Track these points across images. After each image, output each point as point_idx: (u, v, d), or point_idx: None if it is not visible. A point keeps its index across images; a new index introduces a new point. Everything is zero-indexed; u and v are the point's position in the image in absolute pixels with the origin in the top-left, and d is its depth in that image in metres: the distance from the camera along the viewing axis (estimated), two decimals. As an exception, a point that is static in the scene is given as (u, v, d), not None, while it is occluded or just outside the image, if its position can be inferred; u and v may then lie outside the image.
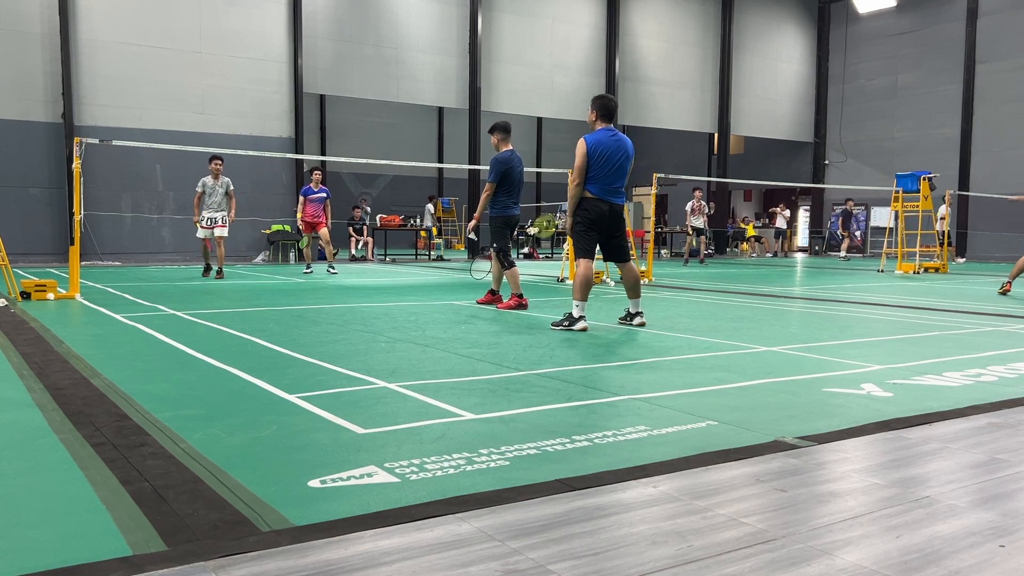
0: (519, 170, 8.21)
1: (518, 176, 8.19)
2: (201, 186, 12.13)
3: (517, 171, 8.17)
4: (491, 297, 8.36)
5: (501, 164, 8.05)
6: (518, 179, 8.19)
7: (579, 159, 6.38)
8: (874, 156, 26.58)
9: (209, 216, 12.14)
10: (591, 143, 6.38)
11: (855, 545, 2.12)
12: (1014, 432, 3.33)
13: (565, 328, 6.33)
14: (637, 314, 6.72)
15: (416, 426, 3.29)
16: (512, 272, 8.06)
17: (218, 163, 12.09)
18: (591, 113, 6.56)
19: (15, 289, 8.44)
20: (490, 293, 8.38)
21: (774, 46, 27.12)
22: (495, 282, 8.42)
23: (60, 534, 2.13)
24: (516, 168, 8.15)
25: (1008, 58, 23.16)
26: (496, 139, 8.19)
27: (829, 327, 6.90)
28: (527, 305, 8.02)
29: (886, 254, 17.40)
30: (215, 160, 12.10)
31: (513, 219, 8.26)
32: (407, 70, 20.66)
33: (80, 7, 16.61)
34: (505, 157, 8.07)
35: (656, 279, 12.75)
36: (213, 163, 12.07)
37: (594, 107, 6.54)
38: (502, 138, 8.15)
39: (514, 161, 8.13)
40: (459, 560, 1.98)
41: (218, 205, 12.15)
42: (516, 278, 8.05)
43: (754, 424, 3.39)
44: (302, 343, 5.55)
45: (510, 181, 8.10)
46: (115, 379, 4.20)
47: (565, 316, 6.47)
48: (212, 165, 12.07)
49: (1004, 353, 5.46)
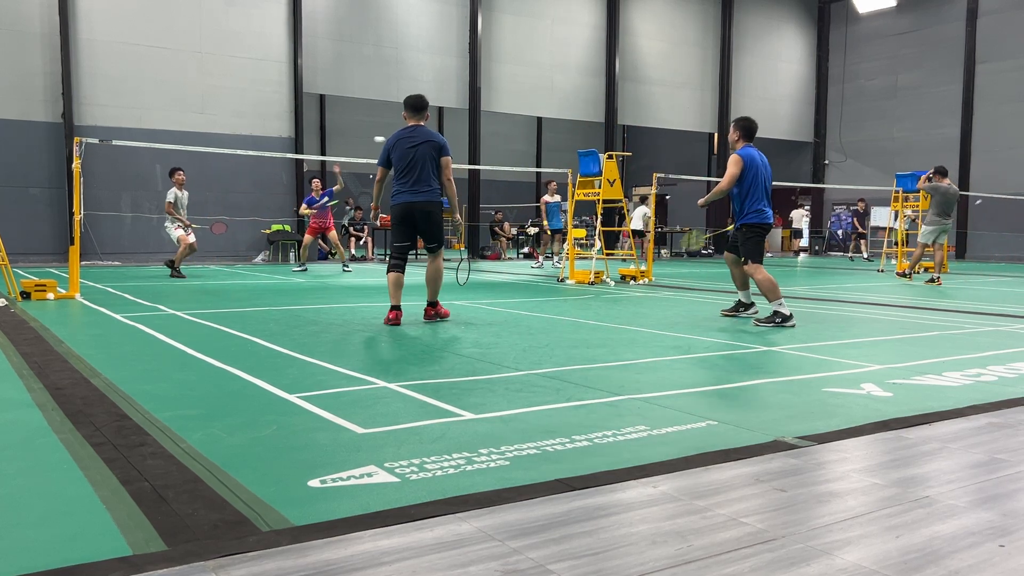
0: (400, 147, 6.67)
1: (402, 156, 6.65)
2: (174, 197, 12.57)
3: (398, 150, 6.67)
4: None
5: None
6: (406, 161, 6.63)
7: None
8: (874, 156, 26.57)
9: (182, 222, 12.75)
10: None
11: (855, 545, 2.12)
12: (1014, 432, 3.33)
13: (778, 324, 6.83)
14: (751, 304, 7.54)
15: (416, 426, 3.29)
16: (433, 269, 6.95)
17: (181, 174, 12.75)
18: (733, 132, 7.32)
19: (15, 289, 8.44)
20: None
21: (774, 46, 27.11)
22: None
23: (60, 534, 2.13)
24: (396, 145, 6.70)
25: (1008, 58, 23.15)
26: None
27: (829, 327, 6.90)
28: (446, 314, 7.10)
29: (886, 254, 17.40)
30: (180, 171, 12.75)
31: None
32: (407, 70, 20.65)
33: (80, 7, 16.60)
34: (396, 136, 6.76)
35: (656, 279, 12.76)
36: (179, 174, 12.68)
37: (737, 127, 7.29)
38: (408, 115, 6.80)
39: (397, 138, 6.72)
40: (459, 560, 1.98)
41: (185, 213, 12.84)
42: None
43: (754, 424, 3.39)
44: (302, 343, 5.55)
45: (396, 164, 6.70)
46: (115, 379, 4.20)
47: (773, 314, 6.95)
48: (179, 176, 12.65)
49: (1004, 353, 5.46)
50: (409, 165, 6.60)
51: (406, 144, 6.63)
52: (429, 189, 6.66)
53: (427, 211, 6.69)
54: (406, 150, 6.62)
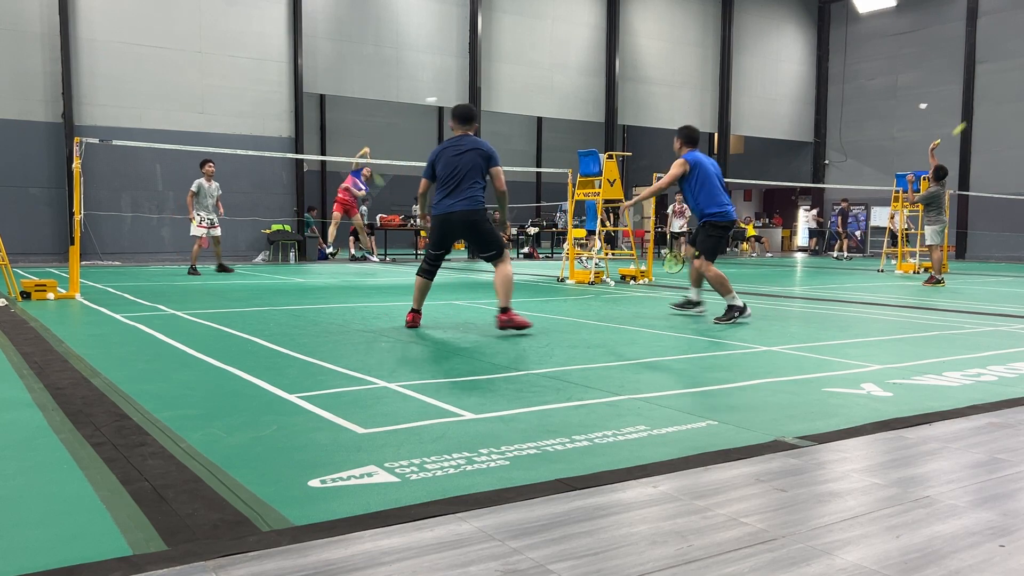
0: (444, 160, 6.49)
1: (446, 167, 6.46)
2: (197, 187, 12.63)
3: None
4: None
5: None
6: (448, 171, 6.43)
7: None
8: (874, 156, 26.57)
9: (207, 216, 12.73)
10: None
11: (855, 545, 2.12)
12: (1014, 432, 3.33)
13: (735, 320, 6.95)
14: (700, 303, 7.58)
15: (416, 426, 3.28)
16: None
17: (211, 165, 12.74)
18: (676, 141, 7.55)
19: (15, 289, 8.44)
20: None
21: (774, 46, 27.11)
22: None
23: (60, 534, 2.13)
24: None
25: (1008, 58, 23.15)
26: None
27: (829, 327, 6.90)
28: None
29: (886, 254, 17.40)
30: (209, 163, 12.72)
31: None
32: (407, 70, 20.65)
33: (80, 7, 16.60)
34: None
35: (656, 279, 12.76)
36: (208, 165, 12.68)
37: (679, 136, 7.54)
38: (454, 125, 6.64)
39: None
40: (459, 560, 1.98)
41: (212, 207, 12.79)
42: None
43: (754, 424, 3.39)
44: (302, 343, 5.55)
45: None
46: (115, 379, 4.20)
47: (728, 309, 7.02)
48: (208, 168, 12.66)
49: (1004, 353, 5.46)
50: (453, 174, 6.33)
51: (451, 153, 6.39)
52: (469, 198, 6.32)
53: (469, 220, 6.35)
54: (451, 158, 6.37)
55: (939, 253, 12.75)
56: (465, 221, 6.37)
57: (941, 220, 12.83)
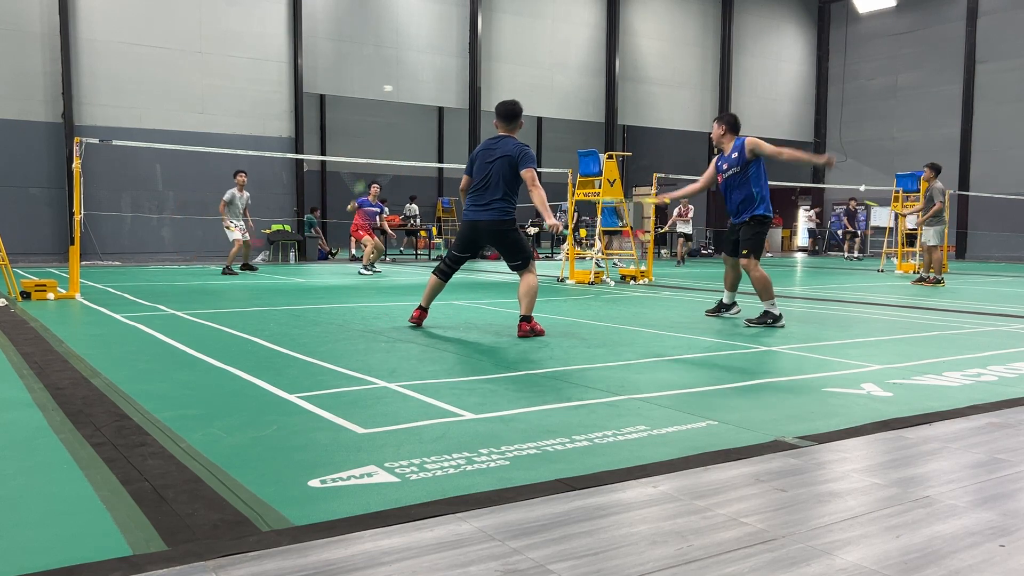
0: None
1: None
2: (230, 197, 13.37)
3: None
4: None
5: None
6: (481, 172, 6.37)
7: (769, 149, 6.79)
8: (874, 156, 26.57)
9: (237, 222, 13.56)
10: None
11: (855, 545, 2.12)
12: (1014, 432, 3.33)
13: (768, 325, 6.69)
14: (733, 304, 7.40)
15: (416, 426, 3.28)
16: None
17: (244, 176, 13.64)
18: (719, 128, 7.04)
19: (15, 289, 8.44)
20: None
21: (774, 46, 27.11)
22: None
23: (60, 534, 2.13)
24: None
25: (1008, 58, 23.15)
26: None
27: (829, 327, 6.90)
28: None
29: (886, 254, 17.40)
30: (242, 173, 13.68)
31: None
32: (407, 70, 20.66)
33: (80, 7, 16.60)
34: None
35: (656, 279, 12.76)
36: (240, 176, 13.59)
37: (723, 122, 7.04)
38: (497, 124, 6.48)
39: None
40: (459, 560, 1.98)
41: (241, 214, 13.58)
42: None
43: (754, 424, 3.39)
44: (302, 343, 5.55)
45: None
46: (115, 379, 4.20)
47: (764, 314, 6.79)
48: (240, 178, 13.55)
49: (1004, 353, 5.46)
50: (483, 181, 6.22)
51: (485, 158, 6.25)
52: (495, 208, 6.18)
53: (494, 231, 6.25)
54: (483, 164, 6.24)
55: (939, 254, 12.76)
56: (490, 231, 6.30)
57: (941, 221, 12.83)
